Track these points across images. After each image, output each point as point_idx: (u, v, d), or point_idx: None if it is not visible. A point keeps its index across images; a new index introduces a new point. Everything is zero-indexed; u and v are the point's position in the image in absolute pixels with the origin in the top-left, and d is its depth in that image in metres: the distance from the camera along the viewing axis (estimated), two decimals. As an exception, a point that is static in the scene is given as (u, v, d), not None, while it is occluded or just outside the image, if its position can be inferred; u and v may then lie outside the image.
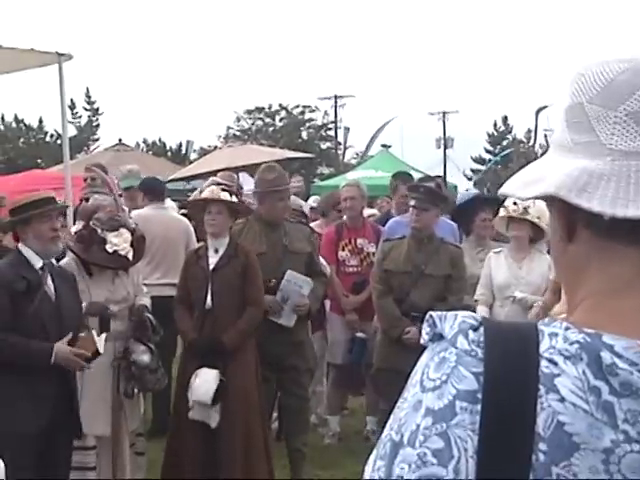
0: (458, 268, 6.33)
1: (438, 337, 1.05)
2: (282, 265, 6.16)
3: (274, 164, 6.74)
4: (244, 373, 5.71)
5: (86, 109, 51.57)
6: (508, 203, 6.27)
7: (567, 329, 1.02)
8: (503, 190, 1.14)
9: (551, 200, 1.08)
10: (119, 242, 5.41)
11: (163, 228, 7.54)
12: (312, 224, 7.84)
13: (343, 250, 7.46)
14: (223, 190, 5.86)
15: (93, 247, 5.41)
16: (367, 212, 8.86)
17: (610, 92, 1.05)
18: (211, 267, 5.76)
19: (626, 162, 1.03)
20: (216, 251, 5.81)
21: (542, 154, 1.17)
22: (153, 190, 7.96)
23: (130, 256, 5.48)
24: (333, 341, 7.37)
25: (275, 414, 7.15)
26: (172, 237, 7.61)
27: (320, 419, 7.66)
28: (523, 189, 1.10)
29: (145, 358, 5.41)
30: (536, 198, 1.09)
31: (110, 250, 5.38)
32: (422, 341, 1.07)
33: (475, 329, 1.03)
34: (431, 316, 1.07)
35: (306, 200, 10.80)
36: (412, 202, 6.33)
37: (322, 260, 6.74)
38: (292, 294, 6.13)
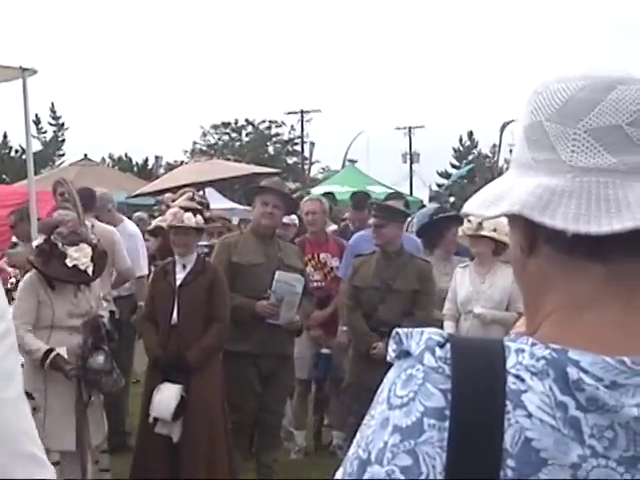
0: (426, 283, 6.31)
1: (404, 354, 1.05)
2: None
3: (275, 178, 6.75)
4: (207, 388, 5.68)
5: (51, 124, 51.39)
6: (465, 221, 6.33)
7: (533, 345, 1.02)
8: (466, 209, 1.15)
9: (513, 217, 1.09)
10: (79, 257, 5.37)
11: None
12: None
13: (306, 265, 7.43)
14: (187, 210, 5.82)
15: (53, 261, 5.37)
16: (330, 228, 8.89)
17: (568, 109, 1.06)
18: (178, 283, 5.76)
19: (586, 178, 1.04)
20: (184, 267, 5.81)
21: (507, 168, 1.18)
22: (88, 200, 7.84)
23: (90, 271, 5.43)
24: (299, 356, 7.32)
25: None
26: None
27: (286, 433, 7.62)
28: (486, 208, 1.10)
29: (99, 360, 5.36)
30: (499, 216, 1.10)
31: (70, 264, 5.35)
32: (388, 358, 1.07)
33: (442, 346, 1.03)
34: (397, 333, 1.06)
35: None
36: (371, 220, 6.39)
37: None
38: (286, 294, 6.10)
